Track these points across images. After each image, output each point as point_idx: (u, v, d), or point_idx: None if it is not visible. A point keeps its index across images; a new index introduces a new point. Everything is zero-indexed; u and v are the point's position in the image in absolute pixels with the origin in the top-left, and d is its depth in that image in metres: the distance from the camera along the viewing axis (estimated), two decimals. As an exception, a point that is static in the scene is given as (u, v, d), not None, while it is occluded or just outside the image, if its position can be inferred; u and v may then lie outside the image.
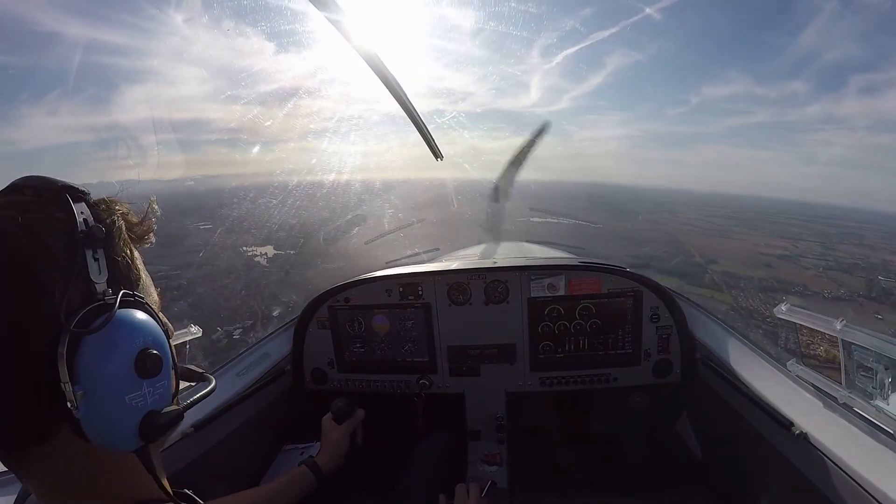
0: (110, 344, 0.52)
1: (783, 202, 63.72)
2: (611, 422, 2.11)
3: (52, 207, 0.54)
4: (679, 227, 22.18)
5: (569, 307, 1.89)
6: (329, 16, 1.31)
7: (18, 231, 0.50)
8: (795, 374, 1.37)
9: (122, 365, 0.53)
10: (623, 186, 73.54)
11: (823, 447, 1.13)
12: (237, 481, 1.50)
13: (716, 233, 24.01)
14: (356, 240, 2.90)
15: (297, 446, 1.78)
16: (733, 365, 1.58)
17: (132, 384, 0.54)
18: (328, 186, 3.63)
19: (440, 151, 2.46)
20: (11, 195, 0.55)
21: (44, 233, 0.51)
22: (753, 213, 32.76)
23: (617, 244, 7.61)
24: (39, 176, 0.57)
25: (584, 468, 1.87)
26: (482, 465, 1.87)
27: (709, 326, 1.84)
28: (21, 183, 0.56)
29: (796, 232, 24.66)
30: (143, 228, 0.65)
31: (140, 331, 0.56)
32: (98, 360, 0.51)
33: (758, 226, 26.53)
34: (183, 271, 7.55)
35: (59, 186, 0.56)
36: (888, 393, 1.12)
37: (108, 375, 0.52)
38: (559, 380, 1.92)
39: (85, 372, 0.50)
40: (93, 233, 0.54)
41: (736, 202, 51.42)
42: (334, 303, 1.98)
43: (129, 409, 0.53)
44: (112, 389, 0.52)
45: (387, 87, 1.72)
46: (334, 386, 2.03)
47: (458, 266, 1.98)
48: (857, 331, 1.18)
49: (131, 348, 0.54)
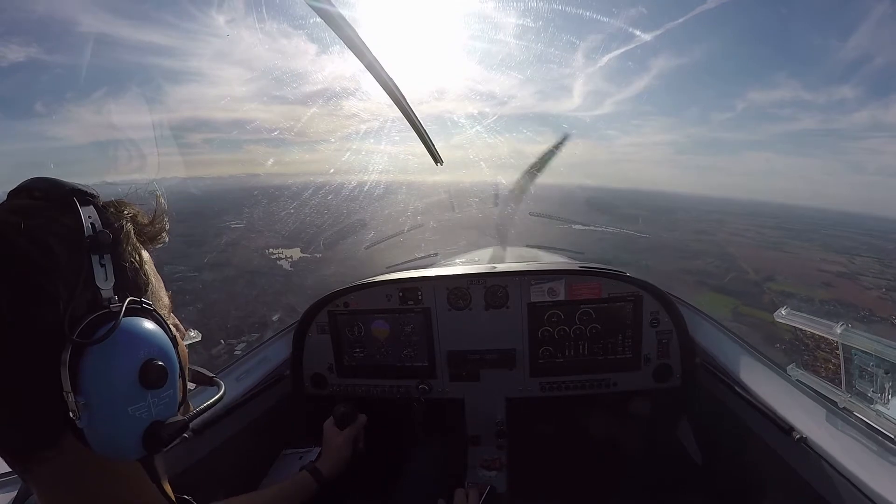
0: (114, 354, 0.52)
1: (832, 213, 61.32)
2: (611, 427, 2.11)
3: (58, 212, 0.53)
4: (729, 237, 20.91)
5: (569, 312, 1.89)
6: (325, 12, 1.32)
7: (22, 238, 0.49)
8: (795, 379, 1.37)
9: (125, 376, 0.52)
10: (667, 193, 71.25)
11: (823, 451, 1.13)
12: (236, 486, 1.49)
13: (768, 245, 22.66)
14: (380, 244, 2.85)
15: (296, 451, 1.76)
16: (733, 369, 1.59)
17: (136, 395, 0.53)
18: (357, 188, 3.59)
19: (440, 156, 2.47)
20: (19, 198, 0.54)
21: (48, 239, 0.50)
22: (804, 224, 31.06)
23: (667, 256, 7.35)
24: (49, 178, 0.56)
25: (584, 473, 1.86)
26: (482, 471, 1.86)
27: (709, 331, 1.84)
28: (30, 185, 0.55)
29: (851, 246, 22.79)
30: (154, 229, 0.64)
31: (145, 341, 0.55)
32: (101, 370, 0.51)
33: (810, 238, 24.89)
34: (201, 273, 7.41)
35: (67, 190, 0.55)
36: (888, 397, 1.12)
37: (111, 386, 0.51)
38: (559, 385, 1.92)
39: (88, 382, 0.50)
40: (99, 238, 0.53)
41: (785, 212, 49.09)
42: (334, 307, 1.97)
43: (132, 419, 0.53)
44: (114, 400, 0.51)
45: (386, 91, 1.73)
46: (334, 391, 2.02)
47: (458, 271, 1.98)
48: (857, 335, 1.18)
49: (135, 359, 0.53)
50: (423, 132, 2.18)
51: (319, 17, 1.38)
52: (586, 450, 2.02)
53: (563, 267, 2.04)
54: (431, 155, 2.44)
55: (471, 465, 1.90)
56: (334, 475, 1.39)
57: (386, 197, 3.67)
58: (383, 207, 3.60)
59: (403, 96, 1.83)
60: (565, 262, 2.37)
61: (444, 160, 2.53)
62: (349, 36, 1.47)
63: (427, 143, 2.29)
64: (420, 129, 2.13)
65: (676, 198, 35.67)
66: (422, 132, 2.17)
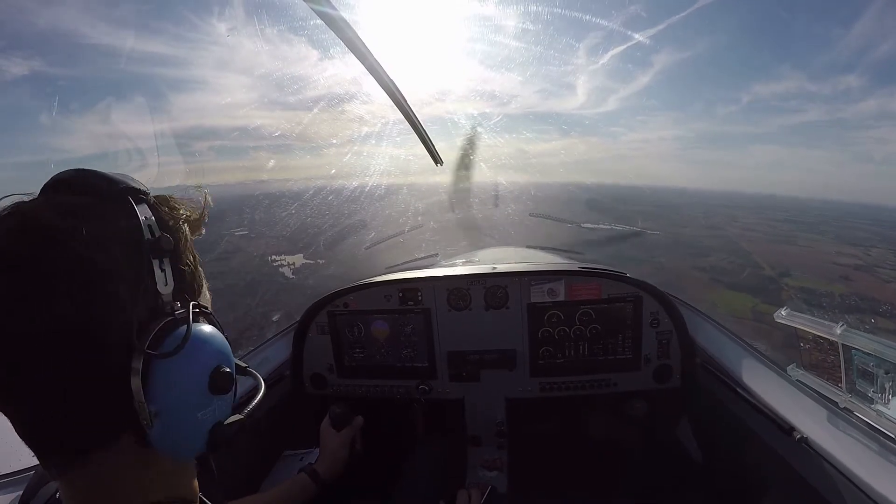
0: (186, 365, 0.51)
1: (842, 204, 59.37)
2: (611, 427, 2.11)
3: (114, 213, 0.50)
4: (741, 232, 19.99)
5: (569, 312, 1.89)
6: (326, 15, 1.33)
7: (81, 245, 0.45)
8: (796, 379, 1.37)
9: (197, 385, 0.52)
10: (674, 189, 69.44)
11: (824, 451, 1.13)
12: (237, 487, 1.49)
13: (781, 239, 21.83)
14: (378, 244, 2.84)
15: (296, 452, 1.77)
16: (733, 370, 1.58)
17: (205, 401, 0.53)
18: (358, 188, 3.59)
19: (440, 157, 2.48)
20: (64, 195, 0.50)
21: (109, 245, 0.47)
22: (815, 217, 30.03)
23: (679, 253, 7.19)
24: (97, 172, 0.52)
25: (585, 473, 1.85)
26: (482, 471, 1.86)
27: (709, 331, 1.84)
28: (75, 179, 0.51)
29: (864, 237, 21.93)
30: (198, 223, 0.64)
31: (212, 348, 0.55)
32: (174, 381, 0.50)
33: (823, 231, 24.04)
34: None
35: (120, 189, 0.52)
36: (889, 397, 1.12)
37: (183, 395, 0.51)
38: (559, 385, 1.92)
39: (160, 392, 0.49)
40: (160, 243, 0.51)
41: (795, 205, 47.43)
42: (334, 308, 1.98)
43: (199, 423, 0.53)
44: (185, 408, 0.52)
45: (387, 93, 1.74)
46: (334, 391, 2.03)
47: (458, 271, 1.98)
48: (857, 335, 1.18)
49: (206, 368, 0.53)
50: (423, 133, 2.19)
51: (320, 20, 1.39)
52: (587, 450, 2.02)
53: (563, 267, 2.04)
54: (431, 156, 2.45)
55: (471, 466, 1.90)
56: (332, 476, 1.39)
57: (387, 198, 3.67)
58: (384, 208, 3.60)
59: (404, 97, 1.84)
60: (565, 262, 2.37)
61: (444, 161, 2.54)
62: (350, 38, 1.48)
63: (427, 143, 2.30)
64: (420, 130, 2.14)
65: (684, 193, 34.65)
66: (422, 133, 2.18)
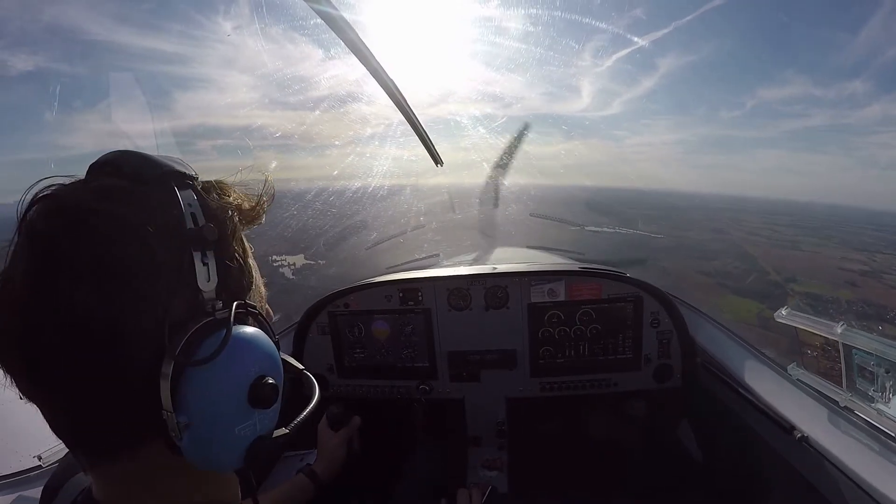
0: (223, 373, 0.45)
1: (846, 209, 59.18)
2: (612, 427, 2.10)
3: (154, 199, 0.45)
4: (745, 237, 20.26)
5: (569, 312, 1.89)
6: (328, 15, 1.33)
7: (114, 230, 0.41)
8: (796, 378, 1.36)
9: (234, 397, 0.45)
10: (678, 192, 69.16)
11: (825, 451, 1.13)
12: None
13: (786, 244, 21.55)
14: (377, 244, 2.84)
15: (297, 453, 1.76)
16: (734, 369, 1.58)
17: (244, 415, 0.46)
18: (360, 189, 3.59)
19: (440, 158, 2.49)
20: (104, 176, 0.46)
21: (144, 232, 0.42)
22: (820, 222, 29.66)
23: (683, 257, 7.13)
24: (140, 154, 0.47)
25: (585, 473, 1.85)
26: (483, 471, 1.86)
27: (709, 331, 1.84)
28: (117, 160, 0.46)
29: (869, 242, 21.80)
30: (255, 212, 0.55)
31: (255, 356, 0.48)
32: (207, 391, 0.44)
33: (828, 235, 23.89)
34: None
35: (163, 172, 0.46)
36: (889, 396, 1.11)
37: (218, 408, 0.45)
38: (560, 385, 1.92)
39: (191, 402, 0.43)
40: (204, 233, 0.45)
41: (799, 209, 47.35)
42: (334, 308, 1.98)
43: (236, 438, 0.47)
44: (220, 422, 0.45)
45: (387, 93, 1.74)
46: (334, 391, 2.03)
47: (458, 271, 1.99)
48: (857, 334, 1.17)
49: (246, 378, 0.46)
50: (423, 133, 2.19)
51: (322, 20, 1.40)
52: (587, 450, 2.01)
53: (563, 268, 2.04)
54: (432, 156, 2.45)
55: (472, 466, 1.90)
56: (330, 477, 1.39)
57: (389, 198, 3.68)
58: (386, 209, 3.60)
59: (404, 98, 1.85)
60: (565, 262, 2.37)
61: (445, 162, 2.54)
62: (351, 39, 1.48)
63: (427, 144, 2.31)
64: (420, 130, 2.14)
65: (688, 196, 34.42)
66: (422, 133, 2.18)
